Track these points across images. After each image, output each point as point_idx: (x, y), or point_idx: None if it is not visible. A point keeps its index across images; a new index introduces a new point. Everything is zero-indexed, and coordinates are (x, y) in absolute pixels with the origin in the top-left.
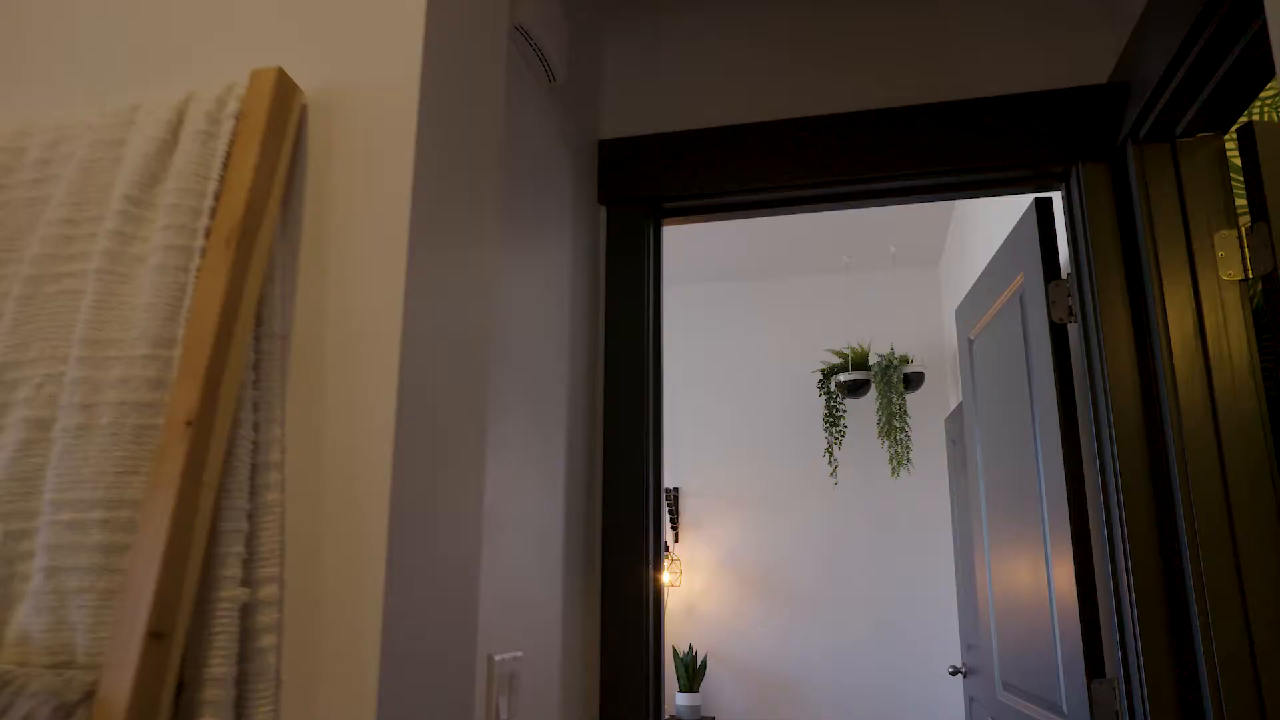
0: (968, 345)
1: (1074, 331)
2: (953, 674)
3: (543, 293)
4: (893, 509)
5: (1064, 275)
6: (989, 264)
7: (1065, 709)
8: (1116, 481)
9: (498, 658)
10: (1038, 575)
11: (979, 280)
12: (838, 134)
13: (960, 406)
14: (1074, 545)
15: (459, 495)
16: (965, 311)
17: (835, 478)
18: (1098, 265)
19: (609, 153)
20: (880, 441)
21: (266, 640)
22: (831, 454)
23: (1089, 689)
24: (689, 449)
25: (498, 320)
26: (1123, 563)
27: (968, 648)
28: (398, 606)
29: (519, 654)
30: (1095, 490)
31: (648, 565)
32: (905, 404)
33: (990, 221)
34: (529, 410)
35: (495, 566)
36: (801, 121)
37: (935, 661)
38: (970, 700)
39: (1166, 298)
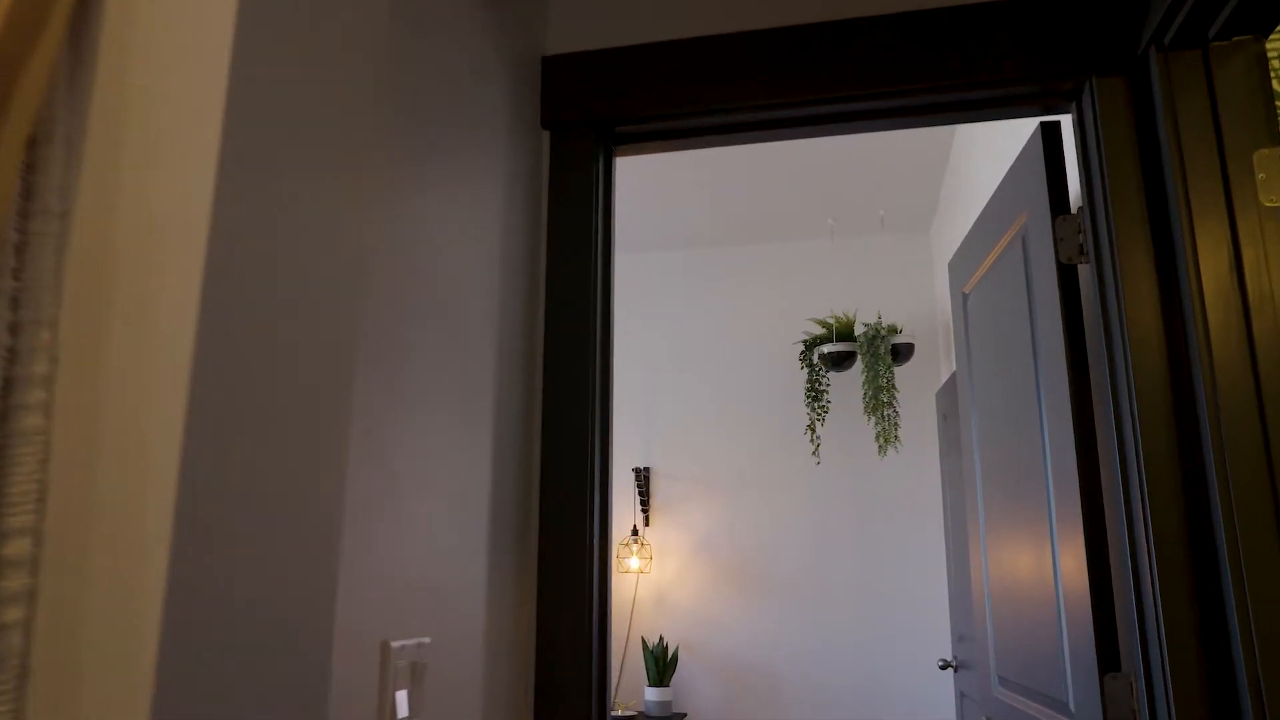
0: (961, 302)
1: (1085, 274)
2: (942, 668)
3: (468, 230)
4: (879, 490)
5: (1074, 210)
6: (986, 206)
7: (1072, 706)
8: (1137, 450)
9: (396, 644)
10: (1041, 560)
11: (975, 226)
12: (814, 48)
13: (953, 378)
14: (1085, 524)
15: (305, 445)
16: (959, 264)
17: (817, 457)
18: (1114, 194)
19: (554, 71)
20: (866, 418)
21: (11, 614)
22: (814, 431)
23: (1101, 684)
24: (660, 427)
25: (406, 259)
26: (1144, 543)
27: (959, 639)
28: (194, 574)
29: (426, 640)
30: (1110, 461)
31: (593, 548)
32: (893, 377)
33: (987, 178)
34: (449, 367)
35: (400, 537)
36: (773, 34)
37: (924, 654)
38: (961, 696)
39: (1197, 230)
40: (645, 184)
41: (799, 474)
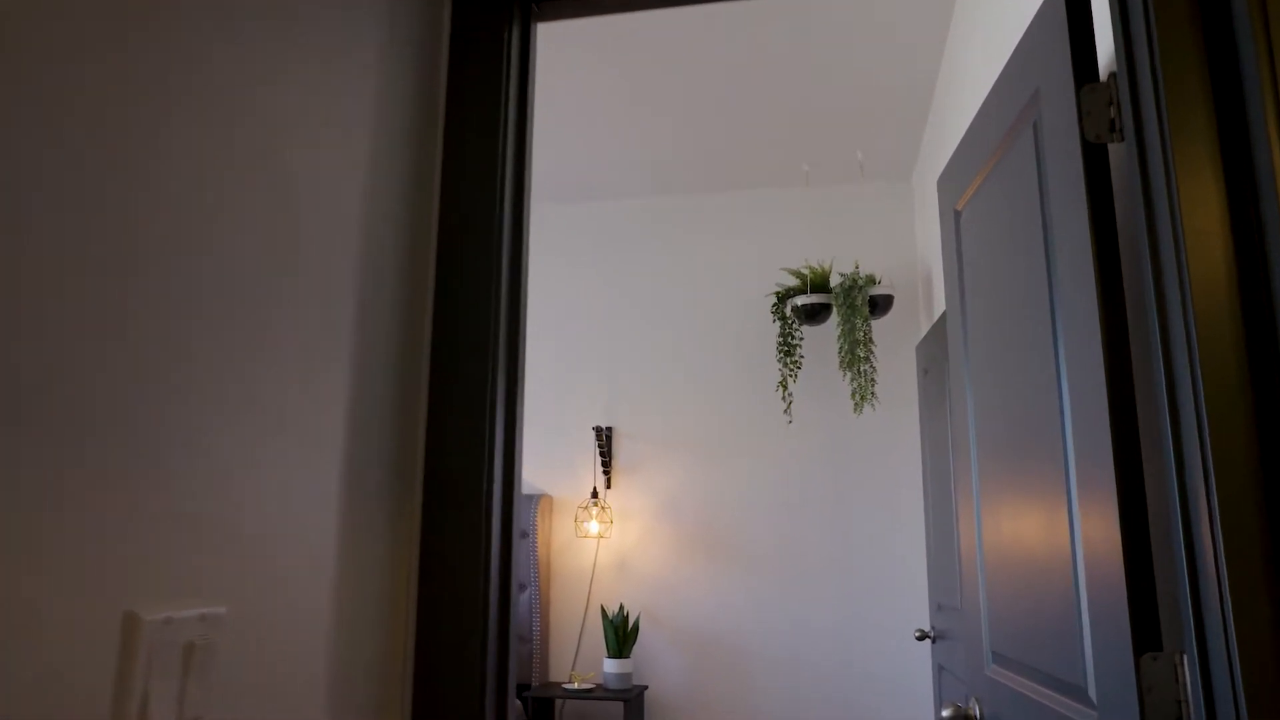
0: (953, 223)
1: (1117, 157)
2: (919, 639)
3: (317, 120)
4: (854, 451)
5: (1103, 78)
6: (985, 101)
7: (1093, 693)
8: (1194, 378)
9: (156, 617)
10: (1054, 522)
11: (971, 127)
12: None
13: (934, 331)
14: (1119, 476)
15: None
16: (951, 178)
17: (789, 415)
18: (1165, 48)
19: None
20: (842, 374)
21: None
22: (785, 388)
23: (1137, 667)
24: (623, 384)
25: (200, 160)
26: (1202, 499)
27: (937, 609)
28: None
29: (218, 610)
30: (1154, 396)
31: (491, 508)
32: (871, 331)
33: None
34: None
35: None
36: None
37: (900, 625)
38: (939, 669)
39: None
40: (607, 125)
41: (770, 433)
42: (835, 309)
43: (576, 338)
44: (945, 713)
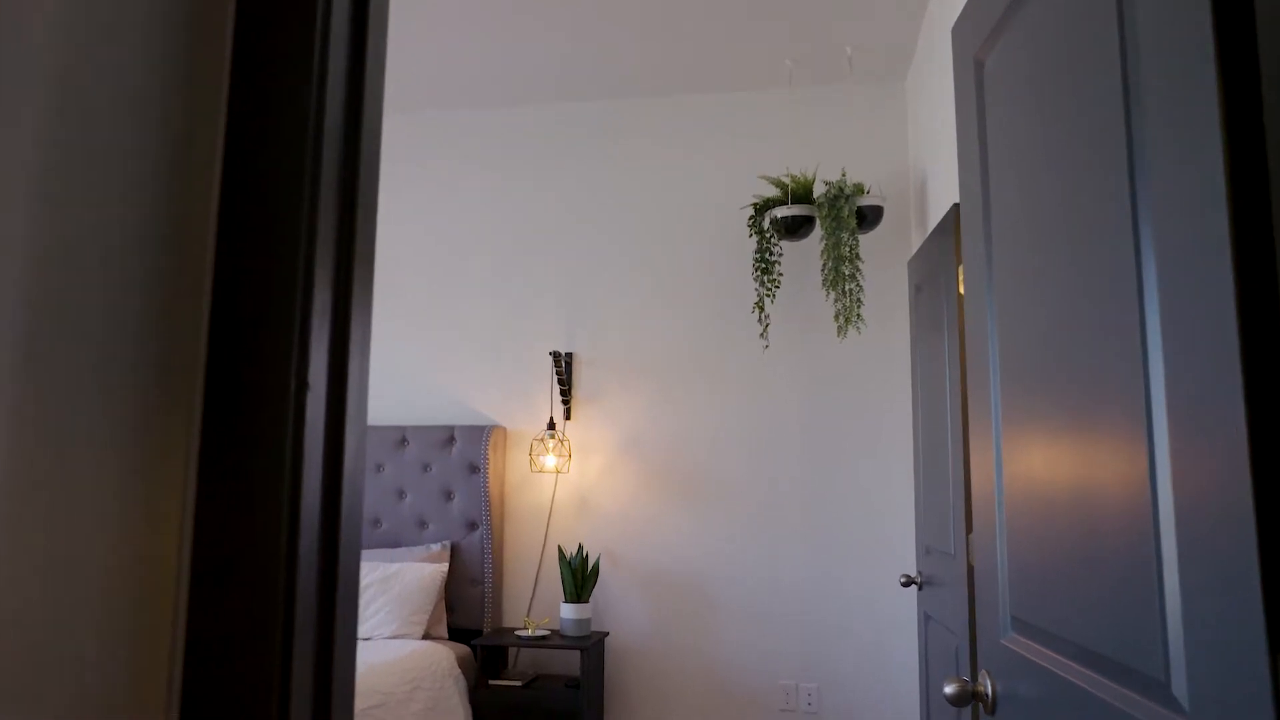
0: (973, 76)
1: None
2: (905, 584)
3: None
4: (837, 378)
5: None
6: None
7: (1181, 690)
8: None
9: None
10: (1123, 459)
11: None
12: None
13: (928, 245)
14: (1248, 398)
15: None
16: (970, 20)
17: (766, 339)
18: None
19: None
20: (825, 293)
21: None
22: (762, 310)
23: (1275, 668)
24: (584, 305)
25: None
26: None
27: (925, 552)
28: None
29: None
30: None
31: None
32: (858, 246)
33: None
34: None
35: None
36: None
37: (884, 569)
38: (926, 618)
39: None
40: (564, 21)
41: (744, 360)
42: (819, 222)
43: (530, 255)
44: (949, 689)
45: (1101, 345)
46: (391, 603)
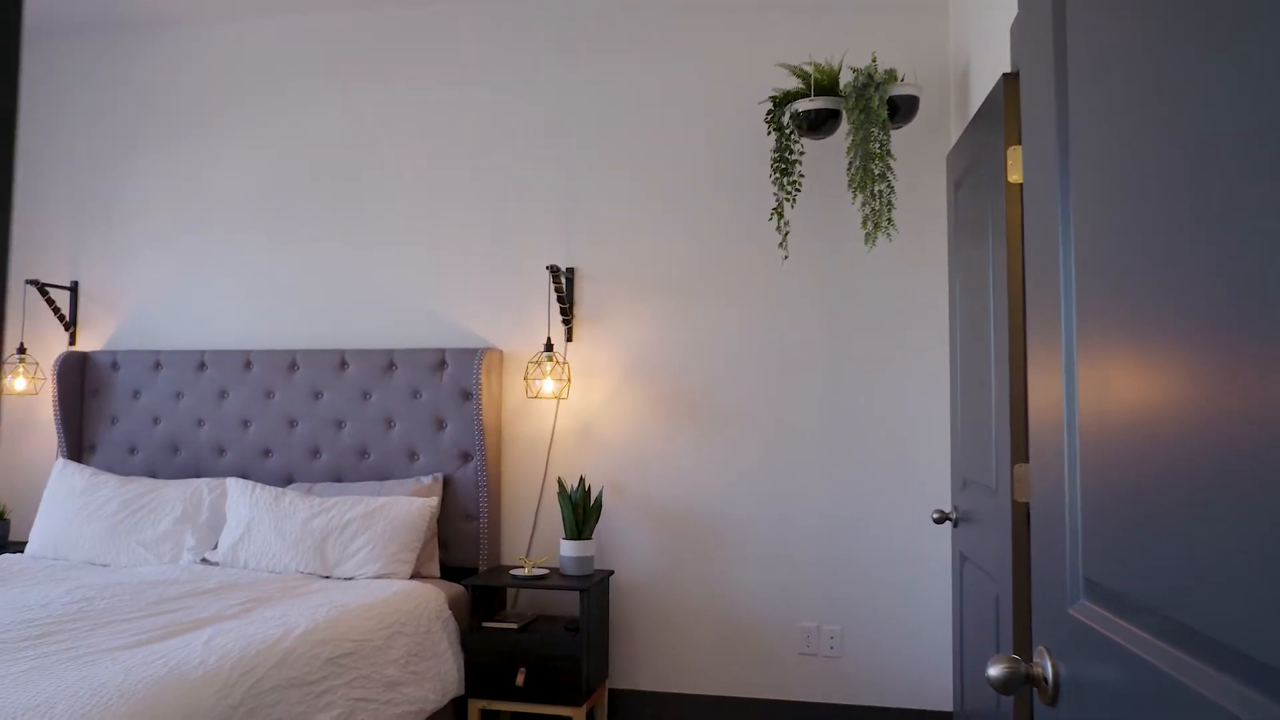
0: None
1: None
2: (938, 521)
3: None
4: (864, 292)
5: None
6: None
7: None
8: None
9: None
10: None
11: None
12: None
13: (973, 130)
14: None
15: None
16: None
17: (785, 249)
18: None
19: None
20: (851, 196)
21: None
22: (781, 216)
23: None
24: (584, 215)
25: None
26: None
27: (962, 485)
28: None
29: None
30: None
31: None
32: (889, 142)
33: None
34: None
35: None
36: None
37: (915, 504)
38: (961, 558)
39: None
40: None
41: (761, 273)
42: (845, 115)
43: (525, 162)
44: (995, 671)
45: (1245, 230)
46: (375, 539)
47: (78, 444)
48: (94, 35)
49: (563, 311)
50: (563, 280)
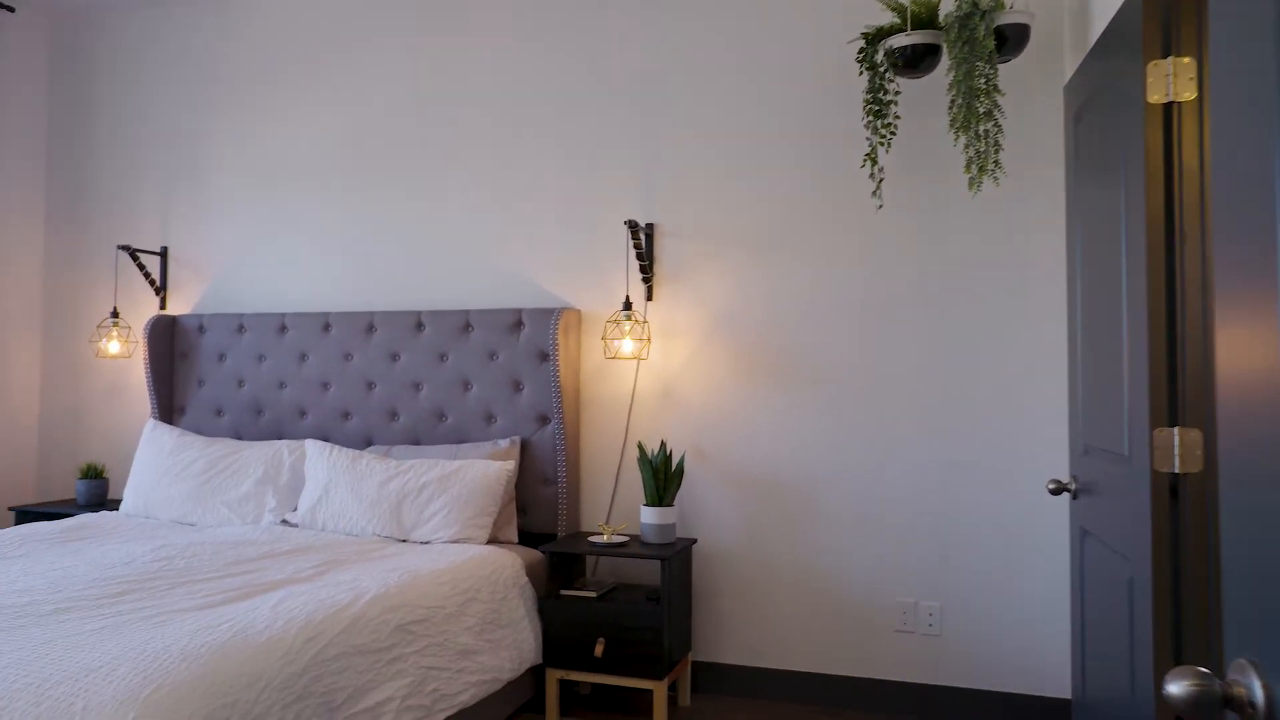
0: None
1: None
2: (1054, 492)
3: None
4: (967, 240)
5: None
6: None
7: None
8: None
9: None
10: None
11: None
12: None
13: (1097, 55)
14: None
15: None
16: None
17: (879, 198)
18: None
19: None
20: (953, 138)
21: None
22: (874, 161)
23: None
24: (664, 168)
25: None
26: None
27: (1083, 452)
28: None
29: None
30: None
31: None
32: (995, 76)
33: None
34: None
35: None
36: None
37: (1026, 471)
38: (1082, 534)
39: None
40: None
41: (853, 223)
42: (946, 50)
43: (601, 113)
44: (1176, 687)
45: None
46: (451, 503)
47: (168, 406)
48: (174, 2)
49: (642, 269)
50: (642, 236)
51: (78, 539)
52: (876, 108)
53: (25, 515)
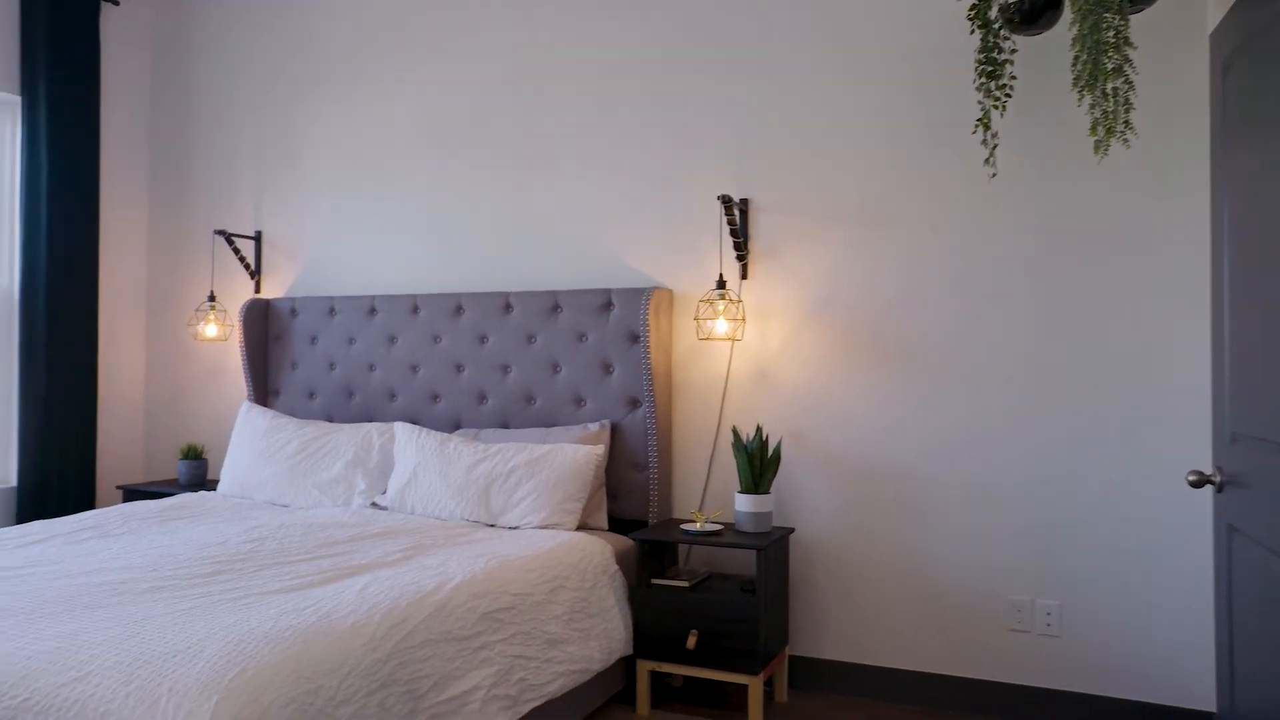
0: None
1: None
2: (1195, 484)
3: None
4: (1091, 210)
5: None
6: None
7: None
8: None
9: None
10: None
11: None
12: None
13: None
14: None
15: None
16: None
17: (993, 164)
18: None
19: None
20: (1077, 98)
21: None
22: (987, 127)
23: None
24: (758, 142)
25: None
26: None
27: (1230, 440)
28: None
29: None
30: None
31: None
32: (1126, 28)
33: None
34: None
35: None
36: None
37: (1160, 463)
38: (1228, 531)
39: None
40: None
41: (963, 195)
42: (1069, 2)
43: (690, 83)
44: None
45: None
46: (540, 488)
47: (263, 388)
48: None
49: (736, 246)
50: (736, 212)
51: (176, 518)
52: (990, 68)
53: (132, 494)
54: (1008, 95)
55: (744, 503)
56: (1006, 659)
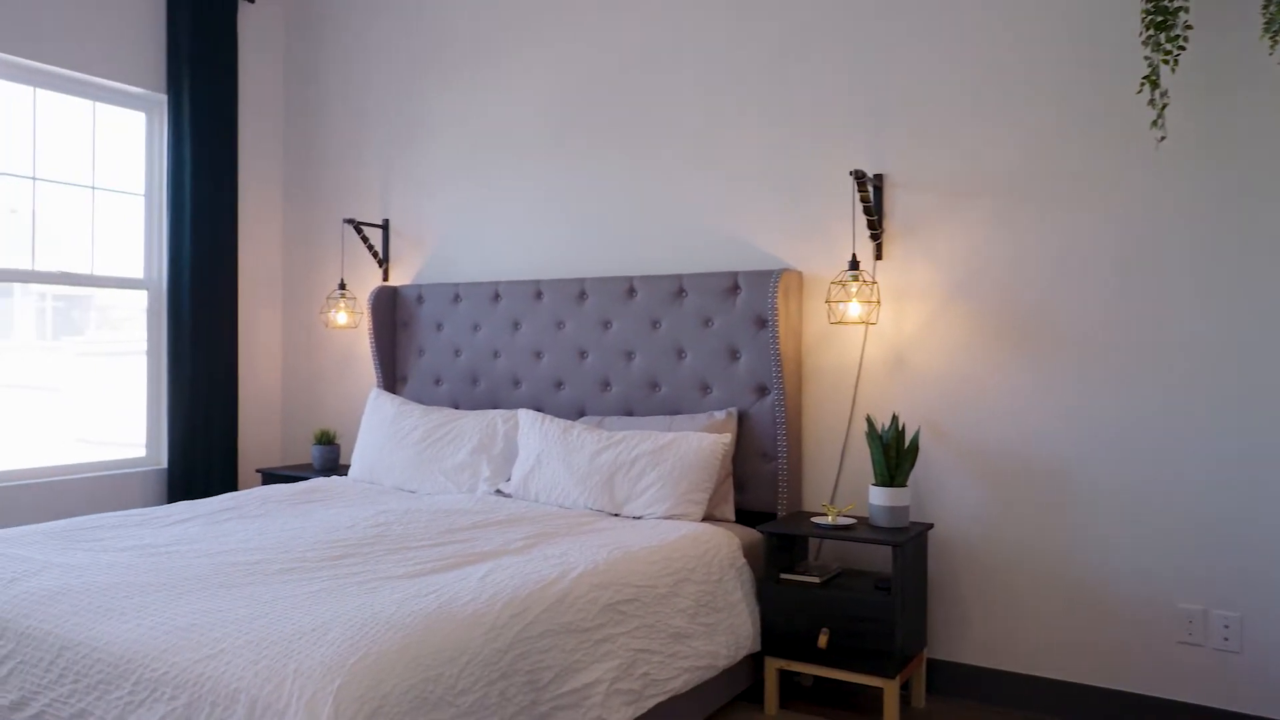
0: None
1: None
2: None
3: None
4: (1277, 187)
5: None
6: None
7: None
8: None
9: None
10: None
11: None
12: None
13: None
14: None
15: None
16: None
17: (1161, 127)
18: None
19: None
20: (1266, 46)
21: None
22: (1155, 85)
23: None
24: (894, 113)
25: None
26: None
27: None
28: None
29: None
30: None
31: None
32: None
33: None
34: None
35: None
36: None
37: None
38: None
39: None
40: None
41: (1124, 163)
42: None
43: (819, 53)
44: None
45: None
46: (664, 477)
47: (391, 375)
48: None
49: (870, 225)
50: (870, 189)
51: (309, 501)
52: (1160, 18)
53: (270, 477)
54: (1181, 48)
55: (879, 496)
56: (1174, 674)
